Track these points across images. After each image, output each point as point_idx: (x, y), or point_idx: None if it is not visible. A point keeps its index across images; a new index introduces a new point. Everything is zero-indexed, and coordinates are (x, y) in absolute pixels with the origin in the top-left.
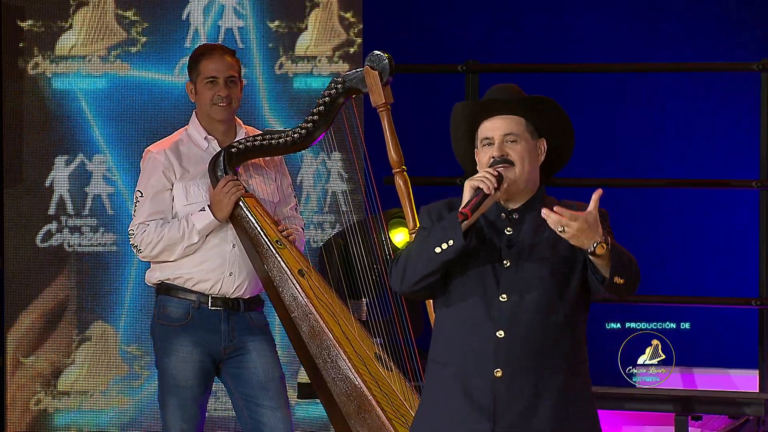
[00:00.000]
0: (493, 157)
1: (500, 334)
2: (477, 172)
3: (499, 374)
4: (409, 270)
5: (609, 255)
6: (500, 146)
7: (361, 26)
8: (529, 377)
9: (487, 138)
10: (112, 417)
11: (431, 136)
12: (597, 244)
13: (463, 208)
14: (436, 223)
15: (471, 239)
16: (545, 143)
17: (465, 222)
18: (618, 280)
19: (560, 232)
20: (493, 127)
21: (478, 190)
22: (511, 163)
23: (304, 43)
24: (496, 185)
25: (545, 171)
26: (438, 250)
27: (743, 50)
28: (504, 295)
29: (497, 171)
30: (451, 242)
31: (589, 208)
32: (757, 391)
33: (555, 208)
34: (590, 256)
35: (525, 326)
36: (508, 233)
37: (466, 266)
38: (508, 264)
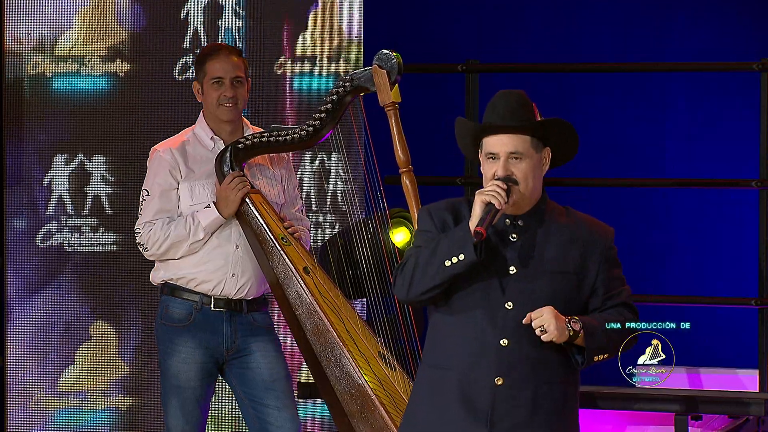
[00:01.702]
0: (497, 175)
1: (504, 342)
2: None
3: (500, 382)
4: (416, 281)
5: (584, 340)
6: (504, 165)
7: (362, 26)
8: (529, 386)
9: (491, 153)
10: (112, 417)
11: (431, 136)
12: (569, 334)
13: (478, 227)
14: (445, 234)
15: (481, 254)
16: (550, 151)
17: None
18: (598, 358)
19: (542, 334)
20: (498, 144)
21: (489, 205)
22: (516, 183)
23: (304, 43)
24: (506, 199)
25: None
26: (448, 263)
27: (743, 50)
28: (509, 303)
29: (506, 184)
30: (462, 257)
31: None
32: (758, 390)
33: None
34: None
35: (530, 336)
36: (513, 240)
37: (471, 273)
38: (515, 271)
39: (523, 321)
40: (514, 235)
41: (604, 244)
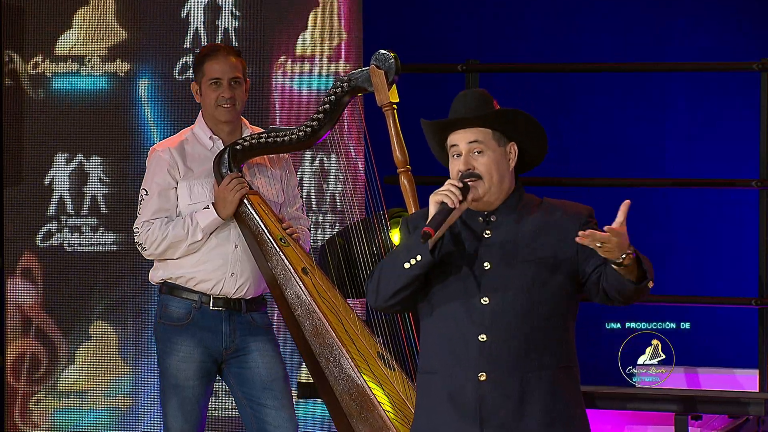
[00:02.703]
0: (460, 171)
1: (482, 337)
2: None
3: (483, 378)
4: (382, 286)
5: (635, 264)
6: (466, 159)
7: (361, 26)
8: (514, 379)
9: (454, 145)
10: (111, 417)
11: None
12: (625, 255)
13: (427, 227)
14: (407, 238)
15: (438, 253)
16: (515, 147)
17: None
18: (650, 284)
19: (598, 247)
20: (458, 136)
21: (442, 205)
22: (479, 177)
23: (304, 43)
24: (461, 198)
25: (520, 167)
26: (407, 265)
27: (743, 50)
28: (485, 299)
29: (462, 182)
30: (419, 257)
31: (619, 220)
32: (758, 390)
33: (589, 232)
34: (615, 266)
35: (507, 328)
36: (486, 236)
37: (446, 272)
38: (489, 267)
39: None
40: (487, 231)
41: (579, 221)
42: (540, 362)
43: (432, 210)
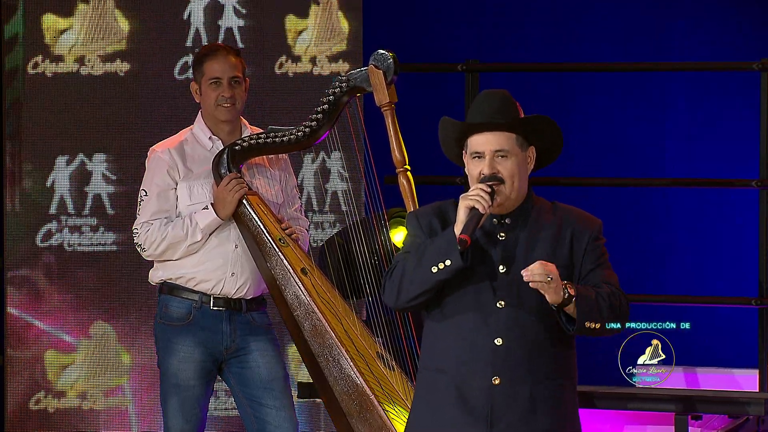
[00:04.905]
0: (482, 174)
1: (498, 341)
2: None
3: (497, 381)
4: (404, 288)
5: (575, 303)
6: (491, 163)
7: (362, 26)
8: (526, 383)
9: (477, 152)
10: (111, 417)
11: (431, 136)
12: (566, 295)
13: (462, 234)
14: (432, 240)
15: (468, 258)
16: (534, 150)
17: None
18: (590, 324)
19: (549, 281)
20: (483, 142)
21: (473, 210)
22: (502, 181)
23: (304, 43)
24: (490, 203)
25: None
26: (435, 269)
27: (743, 50)
28: (501, 302)
29: (490, 186)
30: (448, 262)
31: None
32: (757, 390)
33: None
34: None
35: (523, 333)
36: (501, 239)
37: (461, 275)
38: (504, 270)
39: (524, 276)
40: (501, 234)
41: (590, 235)
42: (549, 371)
43: (462, 215)
